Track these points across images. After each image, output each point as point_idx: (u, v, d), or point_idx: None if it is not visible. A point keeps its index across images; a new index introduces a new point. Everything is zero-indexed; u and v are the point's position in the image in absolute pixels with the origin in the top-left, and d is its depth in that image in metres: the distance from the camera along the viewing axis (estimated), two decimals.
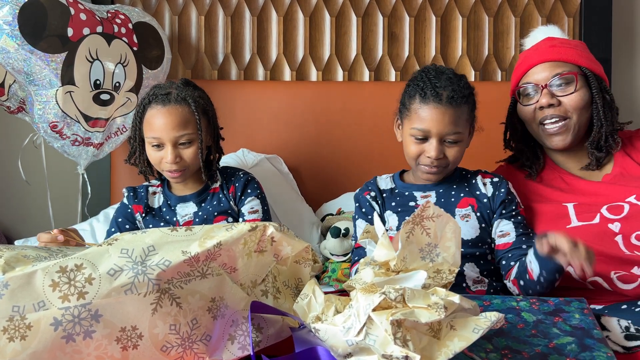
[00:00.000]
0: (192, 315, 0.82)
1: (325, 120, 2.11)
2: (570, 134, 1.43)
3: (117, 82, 1.85)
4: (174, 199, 1.57)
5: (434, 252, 0.93)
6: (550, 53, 1.46)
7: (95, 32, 1.78)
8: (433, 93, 1.34)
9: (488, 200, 1.41)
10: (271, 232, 0.90)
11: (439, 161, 1.36)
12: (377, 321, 0.77)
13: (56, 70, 1.71)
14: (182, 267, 0.82)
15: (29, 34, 1.63)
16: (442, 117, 1.33)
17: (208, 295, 0.84)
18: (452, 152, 1.37)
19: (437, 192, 1.43)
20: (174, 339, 0.81)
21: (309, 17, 2.22)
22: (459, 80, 1.38)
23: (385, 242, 0.92)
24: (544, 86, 1.42)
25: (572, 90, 1.41)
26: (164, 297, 0.80)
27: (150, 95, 1.50)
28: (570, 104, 1.41)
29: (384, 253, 0.92)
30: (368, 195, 1.47)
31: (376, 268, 0.91)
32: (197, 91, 1.53)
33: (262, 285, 0.90)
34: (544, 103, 1.41)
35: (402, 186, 1.47)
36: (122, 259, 0.81)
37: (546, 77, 1.43)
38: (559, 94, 1.42)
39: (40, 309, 0.77)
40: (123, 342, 0.79)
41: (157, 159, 1.49)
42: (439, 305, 0.78)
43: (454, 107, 1.33)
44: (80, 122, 1.81)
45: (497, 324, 0.80)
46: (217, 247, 0.84)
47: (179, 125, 1.45)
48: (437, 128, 1.33)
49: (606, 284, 1.32)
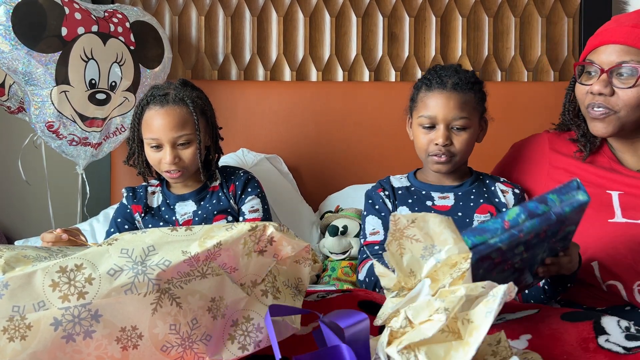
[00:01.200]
0: (192, 315, 0.82)
1: (325, 120, 2.11)
2: (612, 125, 1.31)
3: (113, 81, 1.85)
4: (172, 198, 1.57)
5: (435, 251, 0.91)
6: (628, 34, 1.29)
7: (90, 31, 1.78)
8: (438, 81, 1.37)
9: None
10: (271, 232, 0.90)
11: (446, 148, 1.36)
12: (393, 356, 0.77)
13: (50, 70, 1.70)
14: (182, 267, 0.82)
15: (22, 34, 1.63)
16: (447, 102, 1.35)
17: (208, 295, 0.83)
18: (459, 139, 1.36)
19: (456, 195, 1.42)
20: (174, 338, 0.81)
21: (309, 17, 2.22)
22: (466, 72, 1.40)
23: (381, 270, 0.91)
24: (605, 70, 1.29)
25: (631, 84, 1.27)
26: (164, 297, 0.80)
27: (148, 96, 1.50)
28: (624, 99, 1.28)
29: (386, 280, 0.91)
30: (382, 193, 1.46)
31: (392, 294, 0.90)
32: (195, 91, 1.53)
33: (262, 285, 0.90)
34: (595, 90, 1.29)
35: (419, 185, 1.46)
36: (122, 258, 0.81)
37: (611, 62, 1.28)
38: (617, 84, 1.28)
39: (40, 309, 0.77)
40: (123, 342, 0.79)
41: (155, 160, 1.49)
42: (440, 309, 0.77)
43: (459, 92, 1.35)
44: (76, 121, 1.81)
45: (508, 296, 0.78)
46: (217, 247, 0.84)
47: (177, 126, 1.45)
48: (443, 113, 1.35)
49: (625, 292, 1.25)
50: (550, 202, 0.98)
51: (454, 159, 1.38)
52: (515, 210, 0.96)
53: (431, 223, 0.90)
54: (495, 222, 0.95)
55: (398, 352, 0.76)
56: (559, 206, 0.98)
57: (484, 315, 0.77)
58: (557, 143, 1.47)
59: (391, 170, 1.57)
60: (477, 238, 0.92)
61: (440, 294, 0.82)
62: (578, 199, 1.00)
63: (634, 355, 0.93)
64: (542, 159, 1.48)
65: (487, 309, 0.77)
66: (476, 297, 0.80)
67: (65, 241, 1.18)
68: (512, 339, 1.01)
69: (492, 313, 0.76)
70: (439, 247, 0.90)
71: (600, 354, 0.95)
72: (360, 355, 0.81)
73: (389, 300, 0.88)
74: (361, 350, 0.82)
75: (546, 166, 1.45)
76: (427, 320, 0.78)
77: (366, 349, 0.82)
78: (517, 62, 2.23)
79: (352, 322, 0.83)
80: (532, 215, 0.96)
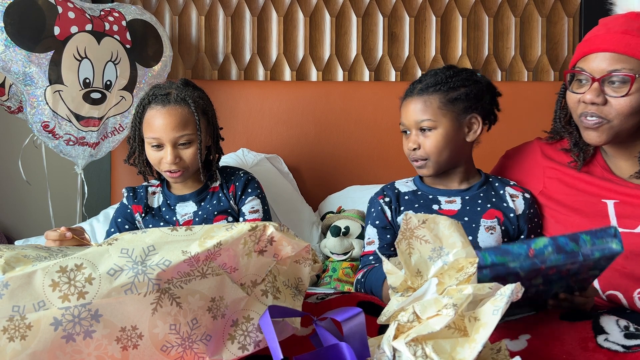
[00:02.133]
0: (192, 315, 0.82)
1: (325, 120, 2.11)
2: (606, 134, 1.29)
3: (107, 80, 1.84)
4: (173, 199, 1.57)
5: (443, 253, 0.92)
6: (618, 42, 1.25)
7: (84, 30, 1.77)
8: (410, 89, 1.40)
9: (517, 217, 1.37)
10: (271, 232, 0.90)
11: (414, 152, 1.38)
12: (400, 348, 0.78)
13: (44, 69, 1.70)
14: (182, 267, 0.82)
15: (15, 34, 1.63)
16: (412, 107, 1.37)
17: (208, 295, 0.83)
18: (426, 141, 1.36)
19: (463, 199, 1.40)
20: (174, 338, 0.81)
21: (309, 17, 2.22)
22: (447, 71, 1.39)
23: (389, 267, 0.91)
24: (597, 79, 1.26)
25: (624, 92, 1.24)
26: (164, 297, 0.80)
27: (150, 95, 1.50)
28: (616, 108, 1.25)
29: (393, 278, 0.91)
30: (382, 200, 1.44)
31: (397, 294, 0.91)
32: (196, 91, 1.53)
33: (262, 285, 0.90)
34: (588, 100, 1.27)
35: (425, 189, 1.44)
36: (122, 258, 0.81)
37: (602, 70, 1.25)
38: (609, 93, 1.26)
39: (40, 308, 0.77)
40: (123, 342, 0.79)
41: (156, 159, 1.49)
42: (448, 305, 0.78)
43: (422, 95, 1.36)
44: (71, 121, 1.80)
45: (515, 295, 0.78)
46: (217, 246, 0.84)
47: (178, 126, 1.45)
48: (408, 119, 1.38)
49: (625, 301, 1.23)
50: (581, 242, 0.96)
51: (428, 162, 1.38)
52: (544, 241, 0.95)
53: (441, 225, 0.92)
54: (520, 247, 0.93)
55: (406, 344, 0.76)
56: (590, 248, 0.96)
57: (491, 312, 0.77)
58: (550, 152, 1.46)
59: (391, 170, 1.57)
60: (498, 258, 0.92)
61: (448, 292, 0.83)
62: (611, 247, 0.98)
63: (633, 353, 0.93)
64: (536, 167, 1.46)
65: (495, 307, 0.77)
66: (482, 298, 0.81)
67: (69, 239, 1.18)
68: (512, 339, 1.01)
69: (500, 311, 0.76)
70: (447, 249, 0.90)
71: (600, 353, 0.95)
72: (358, 350, 0.81)
73: (394, 299, 0.89)
74: (359, 345, 0.82)
75: (541, 177, 1.44)
76: (435, 315, 0.78)
77: (364, 343, 0.83)
78: (517, 62, 2.23)
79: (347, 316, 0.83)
80: (559, 250, 0.94)
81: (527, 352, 0.97)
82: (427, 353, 0.76)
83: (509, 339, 1.01)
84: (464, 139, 1.39)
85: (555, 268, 0.95)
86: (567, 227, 1.32)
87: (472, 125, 1.39)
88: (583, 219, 1.31)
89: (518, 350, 0.98)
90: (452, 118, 1.37)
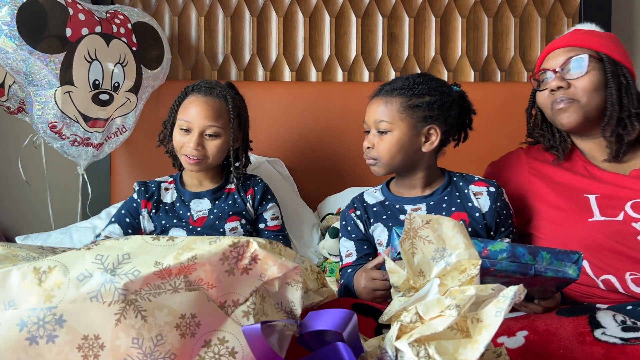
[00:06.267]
0: (157, 331, 0.77)
1: (325, 120, 2.11)
2: (576, 113, 1.41)
3: (116, 82, 1.86)
4: (188, 195, 1.59)
5: (446, 254, 0.91)
6: (567, 39, 1.47)
7: (94, 32, 1.79)
8: (378, 89, 1.42)
9: (482, 215, 1.35)
10: (254, 250, 0.85)
11: (368, 150, 1.39)
12: (403, 349, 0.78)
13: (55, 71, 1.71)
14: (152, 278, 0.78)
15: (27, 35, 1.64)
16: (375, 107, 1.38)
17: (178, 311, 0.79)
18: (381, 143, 1.36)
19: (428, 205, 1.38)
20: (136, 353, 0.77)
21: (309, 18, 2.23)
22: (418, 77, 1.39)
23: (392, 266, 0.91)
24: (557, 70, 1.43)
25: (583, 72, 1.41)
26: (129, 308, 0.77)
27: (195, 85, 1.57)
28: (581, 86, 1.40)
29: (396, 277, 0.91)
30: (353, 214, 1.44)
31: (399, 294, 0.90)
32: (238, 95, 1.62)
33: (245, 306, 0.84)
34: (554, 86, 1.42)
35: (392, 199, 1.43)
36: (94, 264, 0.79)
37: (559, 62, 1.44)
38: (572, 77, 1.42)
39: (10, 307, 0.76)
40: (84, 351, 0.76)
41: (180, 143, 1.53)
42: (451, 306, 0.78)
43: (385, 96, 1.37)
44: (79, 122, 1.82)
45: (518, 297, 0.78)
46: (192, 260, 0.80)
47: (211, 116, 1.51)
48: (369, 118, 1.39)
49: (619, 284, 1.27)
50: (539, 258, 0.98)
51: (378, 162, 1.38)
52: (501, 245, 0.97)
53: (445, 226, 0.92)
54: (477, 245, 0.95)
55: (409, 345, 0.76)
56: (544, 266, 0.98)
57: (493, 314, 0.77)
58: (534, 152, 1.54)
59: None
60: None
61: (450, 293, 0.83)
62: (566, 271, 1.00)
63: (631, 346, 0.92)
64: (521, 172, 1.52)
65: (497, 309, 0.78)
66: (484, 299, 0.81)
67: None
68: (509, 336, 1.01)
69: (502, 312, 0.77)
70: (450, 250, 0.91)
71: (597, 346, 0.94)
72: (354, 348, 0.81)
73: (396, 299, 0.89)
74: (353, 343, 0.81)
75: (527, 175, 1.50)
76: (438, 316, 0.78)
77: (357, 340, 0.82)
78: (516, 63, 2.23)
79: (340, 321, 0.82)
80: (513, 259, 0.96)
81: (524, 349, 0.97)
82: (430, 354, 0.76)
83: (506, 336, 1.01)
84: (419, 148, 1.37)
85: (504, 274, 0.96)
86: (554, 222, 1.39)
87: (429, 136, 1.37)
88: (569, 213, 1.38)
89: (516, 347, 0.98)
90: (409, 124, 1.35)
